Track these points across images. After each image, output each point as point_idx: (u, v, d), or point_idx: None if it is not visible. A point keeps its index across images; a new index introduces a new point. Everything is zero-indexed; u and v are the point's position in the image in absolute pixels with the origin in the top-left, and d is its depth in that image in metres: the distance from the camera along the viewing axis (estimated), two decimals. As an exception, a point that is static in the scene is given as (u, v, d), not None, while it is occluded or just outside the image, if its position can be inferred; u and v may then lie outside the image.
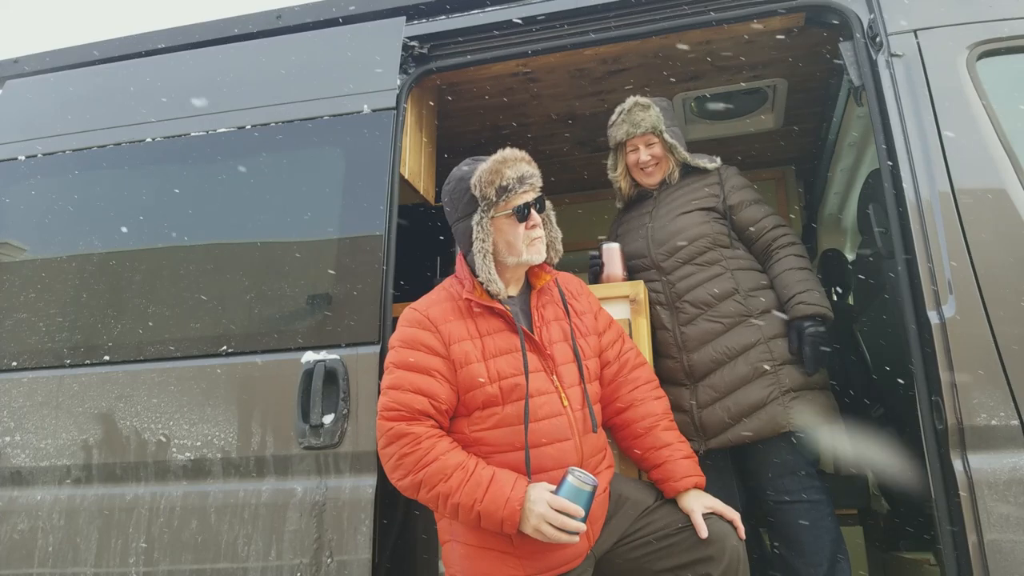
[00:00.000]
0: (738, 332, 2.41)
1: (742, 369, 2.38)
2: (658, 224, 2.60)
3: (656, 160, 2.64)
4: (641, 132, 2.61)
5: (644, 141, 2.63)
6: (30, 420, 2.42)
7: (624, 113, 2.65)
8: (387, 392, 1.86)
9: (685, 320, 2.47)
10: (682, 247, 2.51)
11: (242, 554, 2.17)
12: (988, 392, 1.88)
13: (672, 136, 2.63)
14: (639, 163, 2.66)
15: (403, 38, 2.60)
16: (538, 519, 1.72)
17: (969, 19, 2.19)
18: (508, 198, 1.93)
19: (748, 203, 2.58)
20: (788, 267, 2.47)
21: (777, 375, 2.35)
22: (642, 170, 2.67)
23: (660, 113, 2.62)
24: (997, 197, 2.00)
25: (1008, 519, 1.81)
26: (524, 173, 1.94)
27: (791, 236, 2.56)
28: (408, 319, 1.94)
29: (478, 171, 1.93)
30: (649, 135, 2.61)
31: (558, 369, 1.94)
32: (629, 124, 2.63)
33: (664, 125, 2.61)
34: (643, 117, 2.61)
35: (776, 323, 2.43)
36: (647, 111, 2.61)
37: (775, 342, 2.40)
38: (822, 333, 2.35)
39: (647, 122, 2.60)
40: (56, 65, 3.02)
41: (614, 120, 2.69)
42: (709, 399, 2.41)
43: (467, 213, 1.95)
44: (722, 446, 2.39)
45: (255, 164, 2.56)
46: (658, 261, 2.54)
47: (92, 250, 2.58)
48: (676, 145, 2.62)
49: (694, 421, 2.43)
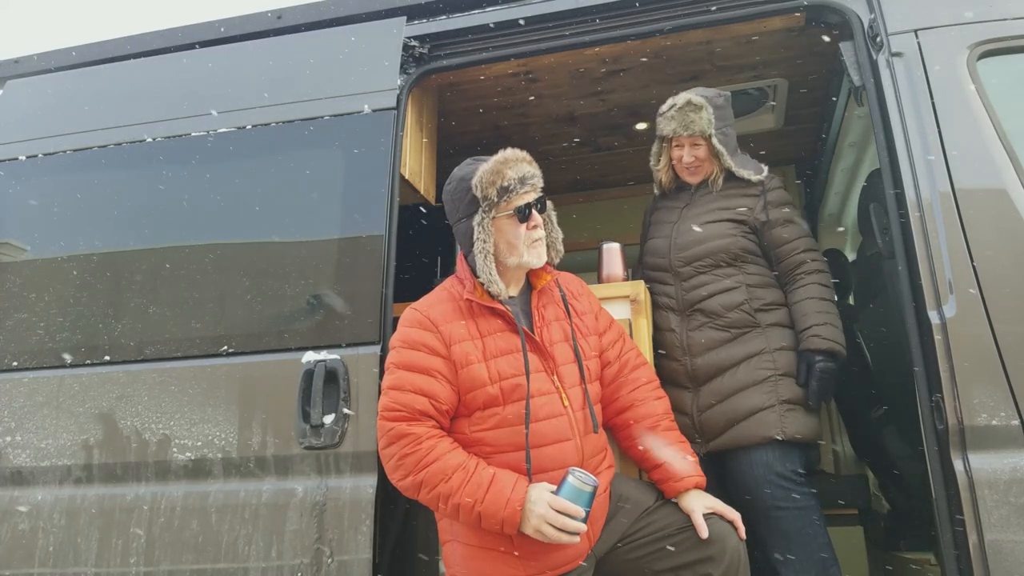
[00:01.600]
0: (744, 341, 2.41)
1: (744, 376, 2.38)
2: (684, 227, 2.55)
3: (699, 163, 2.58)
4: (689, 134, 2.53)
5: (691, 142, 2.55)
6: (31, 420, 2.42)
7: (675, 110, 2.54)
8: (388, 392, 1.86)
9: (694, 326, 2.47)
10: (701, 257, 2.48)
11: (243, 554, 2.17)
12: (989, 392, 1.88)
13: (721, 141, 2.53)
14: (683, 162, 2.60)
15: (403, 38, 2.60)
16: (538, 520, 1.72)
17: (970, 19, 2.18)
18: (509, 198, 1.92)
19: (783, 221, 2.50)
20: (809, 295, 2.41)
21: (776, 385, 2.36)
22: (686, 169, 2.61)
23: (712, 115, 2.52)
24: (997, 197, 2.00)
25: (1009, 519, 1.81)
26: (525, 173, 1.93)
27: (820, 263, 2.48)
28: (409, 319, 1.94)
29: (479, 171, 1.93)
30: (697, 137, 2.54)
31: (559, 369, 1.94)
32: (678, 123, 2.53)
33: (714, 128, 2.51)
34: (694, 119, 2.51)
35: (783, 336, 2.42)
36: (699, 113, 2.51)
37: (780, 353, 2.39)
38: (832, 370, 2.33)
39: (697, 125, 2.51)
40: (57, 65, 3.02)
41: (664, 111, 2.59)
42: (709, 403, 2.42)
43: (468, 213, 1.95)
44: (721, 448, 2.39)
45: (256, 164, 2.56)
46: (675, 267, 2.53)
47: (93, 250, 2.58)
48: (723, 153, 2.53)
49: (694, 424, 2.43)
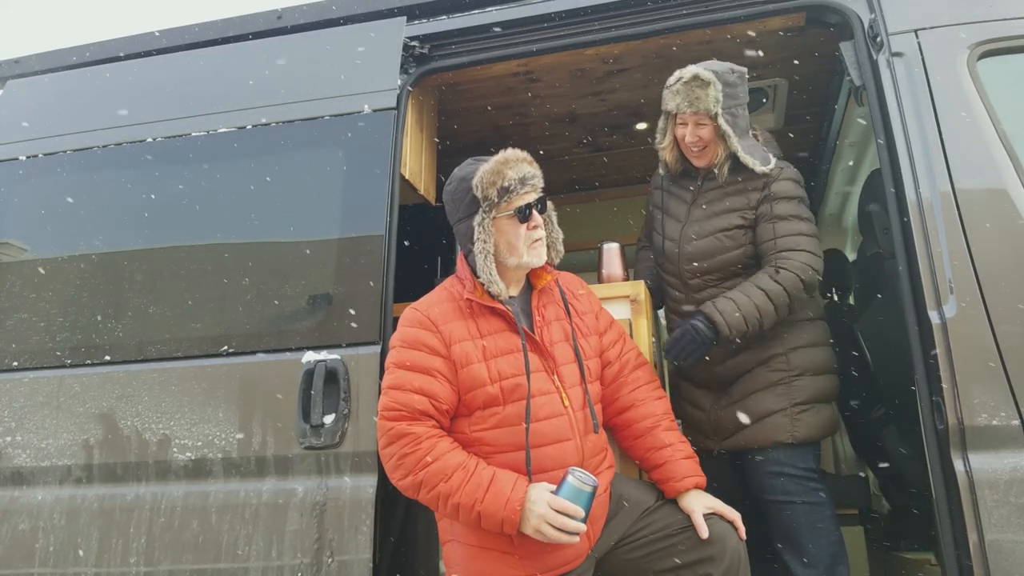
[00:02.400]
0: (760, 346, 2.40)
1: (759, 379, 2.39)
2: (691, 230, 2.46)
3: (704, 144, 2.39)
4: (694, 111, 2.34)
5: (695, 120, 2.36)
6: (31, 420, 2.42)
7: (682, 83, 2.35)
8: (388, 392, 1.86)
9: None
10: (713, 271, 2.44)
11: (243, 554, 2.17)
12: (989, 392, 1.88)
13: (728, 122, 2.33)
14: (686, 141, 2.41)
15: (404, 38, 2.59)
16: (538, 520, 1.72)
17: (970, 19, 2.18)
18: (509, 199, 1.92)
19: (770, 217, 2.35)
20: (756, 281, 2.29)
21: (790, 386, 2.36)
22: (690, 149, 2.43)
23: (721, 93, 2.31)
24: (998, 197, 2.00)
25: (1009, 519, 1.81)
26: (526, 174, 1.93)
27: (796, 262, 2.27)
28: (409, 319, 1.94)
29: (480, 171, 1.92)
30: (702, 115, 2.34)
31: (559, 369, 1.94)
32: (683, 97, 2.34)
33: (721, 107, 2.31)
34: (700, 96, 2.32)
35: (798, 334, 2.41)
36: (705, 89, 2.31)
37: (795, 353, 2.39)
38: (700, 333, 2.26)
39: (702, 103, 2.31)
40: (57, 65, 3.01)
41: (671, 84, 2.39)
42: (726, 402, 2.44)
43: (468, 213, 1.95)
44: (735, 447, 2.41)
45: (256, 164, 2.56)
46: (685, 278, 2.50)
47: (93, 250, 2.58)
48: (730, 134, 2.33)
49: (710, 420, 2.45)
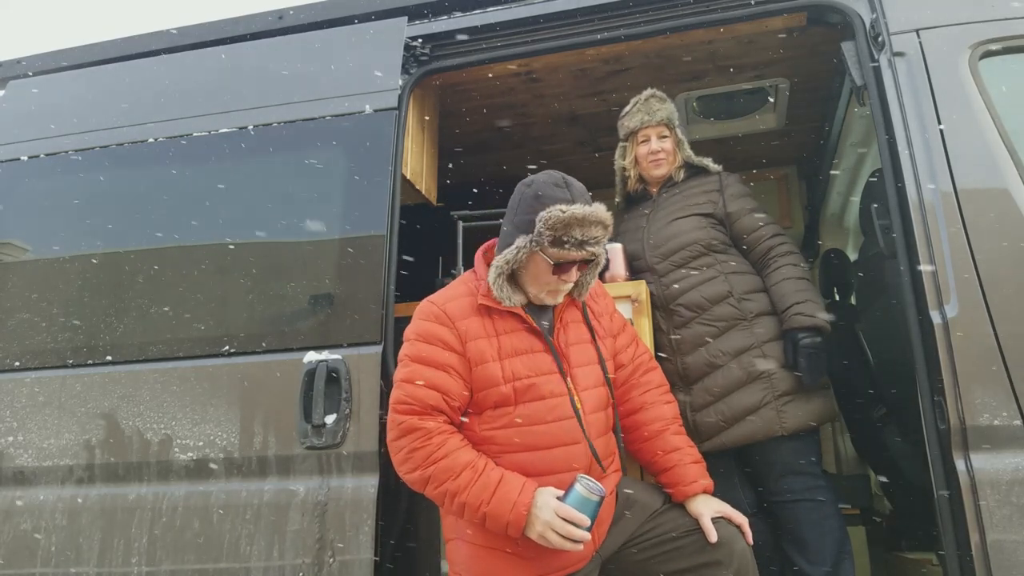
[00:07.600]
0: (732, 335, 2.42)
1: (736, 372, 2.38)
2: (654, 227, 2.62)
3: (667, 154, 2.66)
4: (656, 122, 2.64)
5: (657, 132, 2.66)
6: (33, 420, 2.42)
7: (640, 103, 2.69)
8: (401, 385, 1.84)
9: (679, 323, 2.48)
10: (676, 251, 2.52)
11: (244, 554, 2.17)
12: (990, 392, 1.88)
13: (682, 132, 2.70)
14: (650, 152, 2.66)
15: (405, 38, 2.60)
16: (544, 526, 1.72)
17: (971, 19, 2.18)
18: (560, 250, 1.84)
19: (746, 211, 2.57)
20: (786, 276, 2.44)
21: (771, 379, 2.35)
22: (652, 162, 2.67)
23: (673, 109, 2.69)
24: (999, 196, 2.00)
25: (1011, 519, 1.81)
26: (590, 238, 1.82)
27: (789, 245, 2.54)
28: (425, 312, 1.91)
29: (551, 212, 1.79)
30: (663, 127, 2.66)
31: (573, 371, 1.92)
32: (645, 112, 2.66)
33: (676, 120, 2.68)
34: (659, 108, 2.66)
35: (770, 326, 2.42)
36: (663, 103, 2.68)
37: (769, 345, 2.39)
38: (819, 344, 2.33)
39: (663, 112, 2.66)
40: (58, 65, 3.02)
41: (628, 110, 2.72)
42: (704, 402, 2.42)
43: (519, 228, 1.86)
44: (716, 449, 2.39)
45: (257, 164, 2.56)
46: (653, 264, 2.55)
47: (95, 250, 2.58)
48: (684, 142, 2.69)
49: (688, 423, 2.42)
